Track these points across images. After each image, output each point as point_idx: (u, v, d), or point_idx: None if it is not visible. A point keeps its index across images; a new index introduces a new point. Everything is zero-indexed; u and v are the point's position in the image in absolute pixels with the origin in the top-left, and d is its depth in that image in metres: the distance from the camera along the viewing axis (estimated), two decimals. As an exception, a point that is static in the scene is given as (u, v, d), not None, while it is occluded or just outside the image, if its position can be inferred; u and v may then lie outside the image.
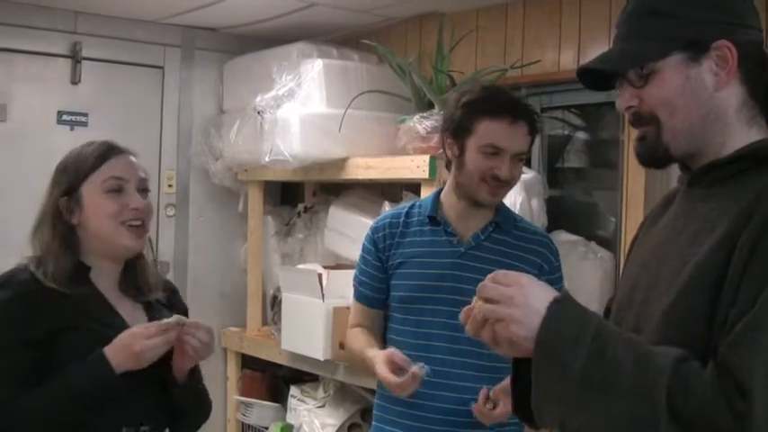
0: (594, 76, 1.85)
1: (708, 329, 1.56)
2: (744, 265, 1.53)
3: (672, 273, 1.66)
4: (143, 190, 2.59)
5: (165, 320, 2.44)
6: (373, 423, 3.10)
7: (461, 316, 1.73)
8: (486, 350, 2.48)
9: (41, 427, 2.39)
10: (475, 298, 1.71)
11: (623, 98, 1.78)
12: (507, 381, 2.10)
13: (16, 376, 2.37)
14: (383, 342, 3.07)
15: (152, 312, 2.61)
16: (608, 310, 1.94)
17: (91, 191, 2.52)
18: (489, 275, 1.71)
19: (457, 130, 2.92)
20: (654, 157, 1.78)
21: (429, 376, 2.79)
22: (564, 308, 1.63)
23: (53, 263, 2.48)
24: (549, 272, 2.94)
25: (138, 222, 2.55)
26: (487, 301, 1.67)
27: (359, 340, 3.10)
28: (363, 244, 3.13)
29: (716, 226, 1.62)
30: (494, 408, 2.71)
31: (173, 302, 2.76)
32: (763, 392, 1.45)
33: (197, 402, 2.69)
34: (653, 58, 1.71)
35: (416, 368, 2.78)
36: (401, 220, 3.04)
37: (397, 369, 2.82)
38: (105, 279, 2.56)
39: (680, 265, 1.65)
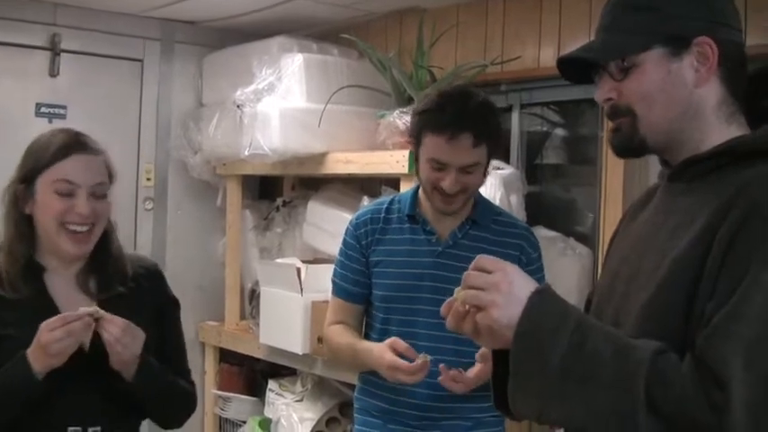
0: (574, 68, 1.86)
1: (686, 323, 1.57)
2: (722, 258, 1.55)
3: (651, 267, 1.67)
4: (98, 195, 2.52)
5: (72, 312, 2.34)
6: (356, 416, 3.10)
7: (442, 309, 1.75)
8: (466, 347, 2.53)
9: None
10: (456, 289, 1.72)
11: (602, 90, 1.79)
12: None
13: None
14: (361, 334, 3.09)
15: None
16: (588, 303, 1.96)
17: (42, 186, 2.47)
18: (474, 260, 1.71)
19: (412, 138, 2.95)
20: (629, 147, 1.79)
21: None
22: (545, 299, 1.64)
23: (6, 259, 2.46)
24: (527, 263, 2.94)
25: (83, 228, 2.48)
26: (472, 288, 1.68)
27: (344, 335, 3.10)
28: (344, 239, 3.13)
29: (695, 220, 1.63)
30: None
31: (151, 290, 2.68)
32: (741, 385, 1.45)
33: (166, 397, 2.62)
34: (635, 51, 1.73)
35: (423, 356, 2.79)
36: (381, 216, 3.05)
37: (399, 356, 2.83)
38: (60, 278, 2.52)
39: (659, 259, 1.66)
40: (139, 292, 2.64)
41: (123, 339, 2.38)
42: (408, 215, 2.99)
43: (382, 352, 2.84)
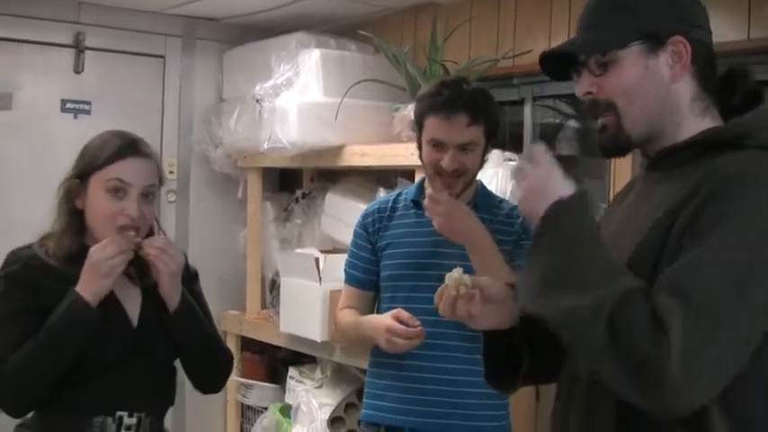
0: (556, 65, 1.99)
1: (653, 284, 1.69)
2: (682, 232, 1.68)
3: (628, 245, 1.80)
4: (148, 198, 2.66)
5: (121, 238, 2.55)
6: (364, 400, 3.24)
7: (435, 297, 1.91)
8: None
9: (30, 378, 2.51)
10: (447, 275, 1.87)
11: (582, 85, 1.92)
12: None
13: (12, 341, 2.50)
14: None
15: (149, 299, 2.69)
16: None
17: (95, 184, 2.60)
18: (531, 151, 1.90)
19: (415, 125, 3.11)
20: (617, 146, 1.92)
21: (417, 348, 2.97)
22: (565, 208, 1.79)
23: (55, 241, 2.61)
24: (526, 239, 3.04)
25: (132, 232, 2.61)
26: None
27: (351, 315, 3.26)
28: (354, 230, 3.29)
29: (669, 202, 1.76)
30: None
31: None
32: (679, 334, 1.57)
33: (203, 344, 2.78)
34: (614, 47, 1.85)
35: (420, 327, 2.96)
36: (389, 206, 3.21)
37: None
38: None
39: (631, 242, 1.80)
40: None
41: (167, 252, 2.60)
42: (413, 200, 3.14)
43: (383, 318, 3.02)
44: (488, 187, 3.36)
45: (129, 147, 2.64)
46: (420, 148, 3.11)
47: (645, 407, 1.63)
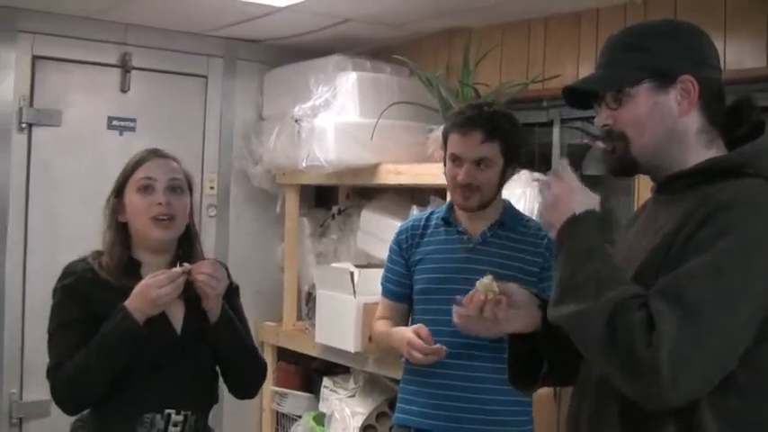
0: (577, 96, 2.19)
1: None
2: (681, 249, 1.86)
3: (633, 264, 2.00)
4: (174, 188, 2.90)
5: (173, 270, 2.76)
6: (397, 405, 3.41)
7: (464, 300, 2.11)
8: None
9: (83, 382, 2.73)
10: (477, 282, 2.07)
11: (600, 116, 2.12)
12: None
13: (67, 349, 2.76)
14: None
15: (191, 308, 2.89)
16: None
17: (129, 190, 2.87)
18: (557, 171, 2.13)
19: (443, 145, 3.34)
20: (623, 168, 2.14)
21: (445, 357, 3.15)
22: (576, 227, 2.02)
23: (107, 257, 2.84)
24: (549, 268, 3.24)
25: (165, 217, 2.86)
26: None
27: (384, 325, 3.45)
28: (390, 246, 3.49)
29: (670, 223, 1.94)
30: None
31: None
32: (671, 340, 1.75)
33: (241, 352, 2.98)
34: (628, 84, 2.04)
35: (440, 346, 3.15)
36: (421, 224, 3.40)
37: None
38: (152, 270, 2.85)
39: (640, 256, 1.99)
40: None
41: (215, 275, 2.80)
42: (443, 219, 3.32)
43: (406, 332, 3.21)
44: (516, 206, 3.53)
45: (150, 152, 2.95)
46: (445, 164, 3.31)
47: (638, 400, 1.82)
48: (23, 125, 5.19)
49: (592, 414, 2.05)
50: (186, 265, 2.80)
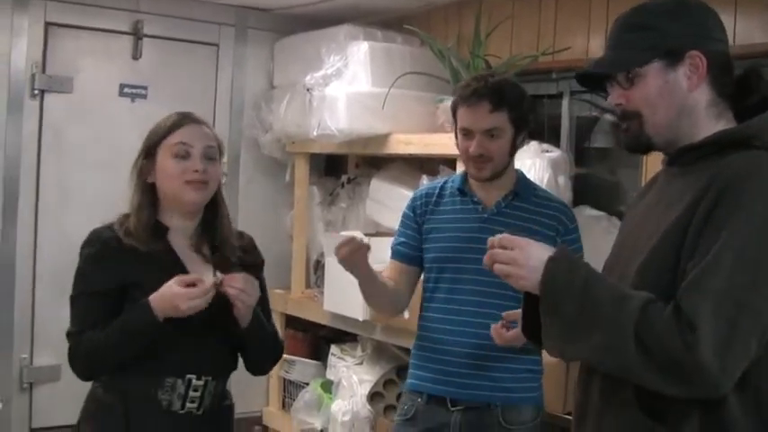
0: (590, 78, 2.25)
1: (672, 280, 1.94)
2: (701, 227, 1.92)
3: (647, 237, 2.05)
4: (209, 157, 2.91)
5: (207, 283, 2.76)
6: (410, 371, 3.46)
7: (485, 260, 2.15)
8: (508, 302, 3.02)
9: (101, 358, 2.79)
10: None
11: (613, 96, 2.17)
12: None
13: (89, 318, 2.79)
14: (410, 295, 3.49)
15: (220, 267, 2.92)
16: (605, 267, 2.31)
17: (162, 153, 2.88)
18: (496, 238, 2.15)
19: (453, 119, 3.36)
20: (638, 146, 2.18)
21: (449, 335, 3.24)
22: (558, 265, 2.06)
23: (135, 219, 2.85)
24: (565, 233, 3.29)
25: (198, 182, 2.86)
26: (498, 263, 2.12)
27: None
28: (403, 212, 3.51)
29: (684, 198, 2.00)
30: (507, 330, 3.02)
31: (246, 262, 3.04)
32: (707, 328, 1.83)
33: (264, 343, 3.01)
34: (638, 64, 2.09)
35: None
36: (436, 191, 3.42)
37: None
38: (180, 238, 2.91)
39: (654, 230, 2.03)
40: (242, 258, 3.04)
41: (246, 290, 2.81)
42: (459, 189, 3.35)
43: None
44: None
45: (186, 116, 2.95)
46: (456, 138, 3.34)
47: (684, 396, 1.91)
48: (36, 92, 5.23)
49: (606, 382, 2.10)
50: (219, 275, 2.81)
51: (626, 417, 2.04)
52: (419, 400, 3.33)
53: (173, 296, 2.71)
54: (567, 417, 3.71)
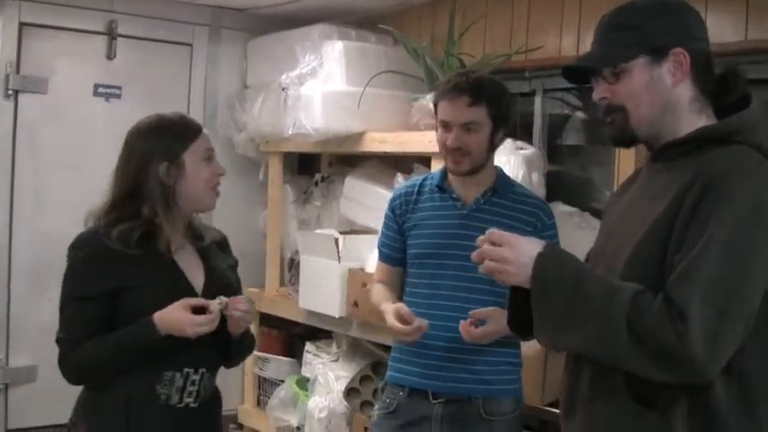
0: (575, 73, 2.32)
1: (660, 272, 2.03)
2: (687, 221, 2.00)
3: (634, 230, 2.13)
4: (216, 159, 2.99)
5: (212, 309, 2.81)
6: (390, 363, 3.50)
7: (474, 256, 2.20)
8: (485, 296, 3.13)
9: (93, 370, 2.81)
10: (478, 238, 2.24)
11: (598, 91, 2.24)
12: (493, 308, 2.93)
13: (84, 323, 2.79)
14: (401, 294, 3.50)
15: (208, 259, 3.00)
16: (587, 259, 2.39)
17: (192, 158, 2.89)
18: (485, 235, 2.21)
19: (435, 115, 3.43)
20: (623, 138, 2.25)
21: (430, 330, 3.25)
22: (548, 260, 2.13)
23: (165, 219, 2.86)
24: (542, 229, 3.36)
25: (219, 186, 2.97)
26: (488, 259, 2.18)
27: (379, 294, 3.53)
28: (385, 212, 3.56)
29: (669, 192, 2.08)
30: (476, 327, 3.15)
31: (225, 248, 3.16)
32: (697, 316, 1.91)
33: (243, 342, 3.09)
34: (624, 60, 2.16)
35: (419, 321, 3.23)
36: (415, 189, 3.48)
37: (403, 320, 3.26)
38: (175, 233, 2.91)
39: (640, 224, 2.11)
40: (217, 248, 3.11)
41: (250, 311, 2.91)
42: (438, 186, 3.41)
43: (388, 316, 3.30)
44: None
45: (198, 123, 3.01)
46: (437, 132, 3.41)
47: (674, 382, 2.00)
48: (10, 92, 5.24)
49: (595, 369, 2.17)
50: (223, 299, 2.86)
51: (616, 403, 2.12)
52: (401, 393, 3.39)
53: (180, 321, 2.76)
54: (545, 408, 3.80)
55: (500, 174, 3.47)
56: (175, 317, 2.76)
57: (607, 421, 2.14)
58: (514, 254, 2.14)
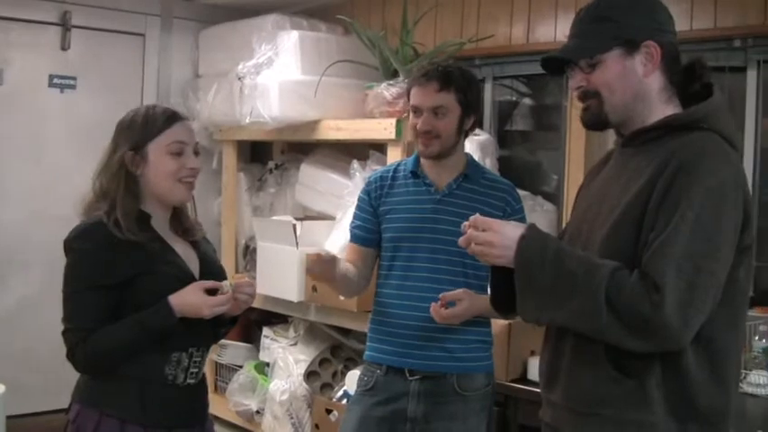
0: (552, 64, 2.46)
1: (633, 250, 2.20)
2: (660, 201, 2.17)
3: (608, 210, 2.29)
4: (196, 152, 3.00)
5: (225, 291, 2.88)
6: (368, 343, 3.61)
7: (461, 241, 2.37)
8: (459, 278, 3.30)
9: (109, 355, 2.83)
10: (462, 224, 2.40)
11: (575, 80, 2.39)
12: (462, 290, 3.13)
13: (95, 312, 2.81)
14: (369, 274, 3.64)
15: (200, 250, 3.06)
16: (560, 239, 2.53)
17: (156, 150, 2.89)
18: (470, 220, 2.36)
19: (407, 101, 3.56)
20: (597, 123, 2.40)
21: (405, 310, 3.44)
22: (529, 242, 2.28)
23: (120, 208, 2.87)
24: (512, 213, 3.49)
25: (191, 179, 2.96)
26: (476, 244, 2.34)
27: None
28: (359, 196, 3.67)
29: (641, 175, 2.24)
30: (445, 308, 3.29)
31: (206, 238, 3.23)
32: (671, 287, 2.09)
33: (232, 323, 3.18)
34: (600, 52, 2.32)
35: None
36: (389, 175, 3.59)
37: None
38: (161, 224, 2.97)
39: (614, 205, 2.28)
40: (206, 242, 3.20)
41: (254, 296, 2.99)
42: (412, 172, 3.53)
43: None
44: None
45: (175, 114, 2.99)
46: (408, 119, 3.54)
47: (650, 350, 2.17)
48: (-35, 84, 5.25)
49: (578, 342, 2.32)
50: (232, 282, 2.95)
51: (596, 371, 2.27)
52: (378, 371, 3.50)
53: (197, 303, 2.83)
54: (509, 384, 3.99)
55: (470, 160, 3.60)
56: (193, 299, 2.83)
57: (588, 388, 2.30)
58: (498, 237, 2.29)
